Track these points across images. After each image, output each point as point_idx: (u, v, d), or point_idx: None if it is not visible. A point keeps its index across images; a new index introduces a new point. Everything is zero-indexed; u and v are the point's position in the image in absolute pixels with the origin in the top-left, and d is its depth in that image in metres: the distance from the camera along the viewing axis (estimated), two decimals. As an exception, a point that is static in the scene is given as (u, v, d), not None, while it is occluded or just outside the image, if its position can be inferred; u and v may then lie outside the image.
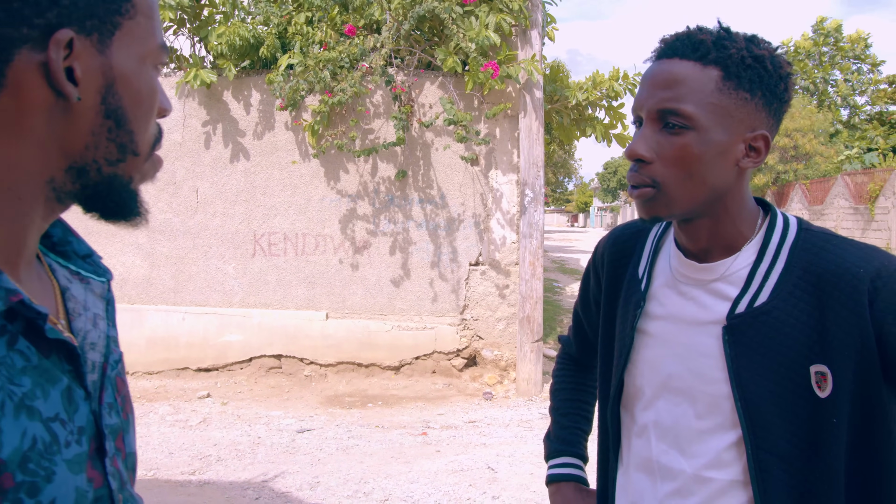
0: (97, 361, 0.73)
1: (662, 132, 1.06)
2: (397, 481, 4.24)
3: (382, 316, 6.72)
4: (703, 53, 1.05)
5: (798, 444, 1.05)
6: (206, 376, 6.73)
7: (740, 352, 1.07)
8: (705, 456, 1.11)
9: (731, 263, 1.11)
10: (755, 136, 1.07)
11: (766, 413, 1.05)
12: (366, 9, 6.33)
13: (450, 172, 6.65)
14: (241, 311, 6.80)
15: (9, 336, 0.61)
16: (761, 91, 1.06)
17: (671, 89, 1.05)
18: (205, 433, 5.30)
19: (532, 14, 6.29)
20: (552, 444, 1.46)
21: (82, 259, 0.79)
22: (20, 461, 0.57)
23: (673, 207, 1.07)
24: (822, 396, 1.03)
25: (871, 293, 1.01)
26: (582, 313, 1.45)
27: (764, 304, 1.07)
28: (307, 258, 6.80)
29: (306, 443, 5.07)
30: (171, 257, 6.89)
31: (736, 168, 1.08)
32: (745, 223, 1.12)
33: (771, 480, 1.05)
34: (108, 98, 0.66)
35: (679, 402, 1.14)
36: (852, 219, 19.85)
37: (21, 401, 0.59)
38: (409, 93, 6.51)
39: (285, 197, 6.81)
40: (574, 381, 1.53)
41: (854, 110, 33.71)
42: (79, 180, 0.67)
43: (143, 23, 0.69)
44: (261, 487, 4.20)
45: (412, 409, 5.93)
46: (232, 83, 6.75)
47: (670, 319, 1.16)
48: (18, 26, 0.59)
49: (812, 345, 1.04)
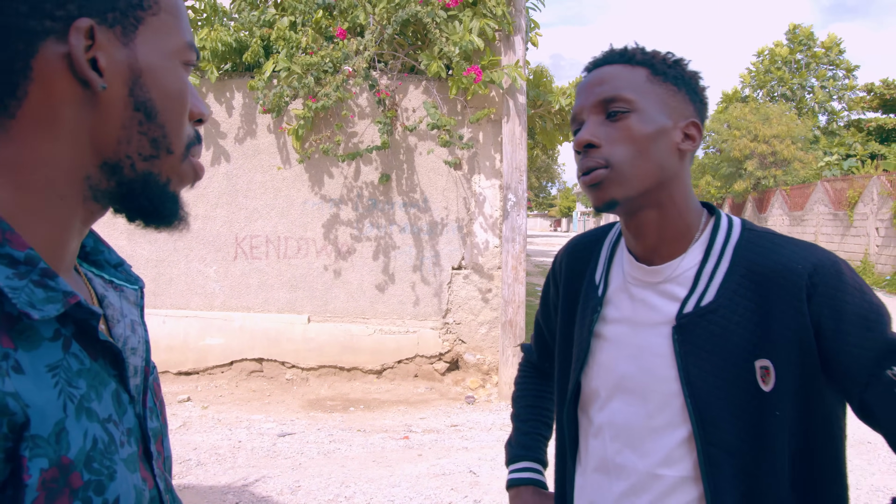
0: (139, 366, 0.75)
1: (606, 122, 1.12)
2: (379, 485, 4.23)
3: (365, 319, 6.71)
4: (630, 57, 1.15)
5: (745, 439, 1.07)
6: (187, 380, 6.68)
7: (689, 350, 1.10)
8: (657, 453, 1.13)
9: (678, 265, 1.15)
10: (688, 123, 1.14)
11: (715, 409, 1.08)
12: (350, 12, 6.33)
13: (433, 177, 6.66)
14: (223, 314, 6.76)
15: (63, 339, 0.62)
16: (685, 87, 1.14)
17: (607, 84, 1.13)
18: (185, 437, 5.25)
19: (515, 20, 6.31)
20: (512, 449, 1.49)
21: (114, 268, 0.81)
22: (85, 460, 0.59)
23: (626, 186, 1.10)
24: (766, 390, 1.06)
25: (808, 288, 1.05)
26: (542, 321, 1.48)
27: (710, 304, 1.10)
28: (289, 261, 6.77)
29: (287, 447, 5.04)
30: (151, 260, 6.84)
31: (677, 152, 1.13)
32: (692, 216, 1.16)
33: (720, 475, 1.08)
34: (135, 90, 0.67)
35: (632, 401, 1.17)
36: (832, 224, 20.09)
37: (80, 402, 0.61)
38: (394, 97, 6.51)
39: (267, 200, 6.78)
40: (535, 388, 1.55)
41: (832, 116, 34.12)
42: (113, 177, 0.68)
43: (167, 20, 0.70)
44: (241, 492, 4.18)
45: (394, 413, 5.92)
46: (214, 86, 6.72)
47: (624, 322, 1.19)
48: (41, 19, 0.61)
49: (756, 340, 1.07)
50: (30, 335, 0.59)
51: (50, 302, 0.60)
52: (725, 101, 37.92)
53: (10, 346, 0.57)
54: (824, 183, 20.98)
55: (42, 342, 0.60)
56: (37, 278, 0.60)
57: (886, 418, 1.03)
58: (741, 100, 35.77)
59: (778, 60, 35.03)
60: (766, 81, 35.57)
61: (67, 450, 0.58)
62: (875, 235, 17.50)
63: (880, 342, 1.03)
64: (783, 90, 34.53)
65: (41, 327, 0.60)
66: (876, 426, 1.06)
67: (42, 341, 0.60)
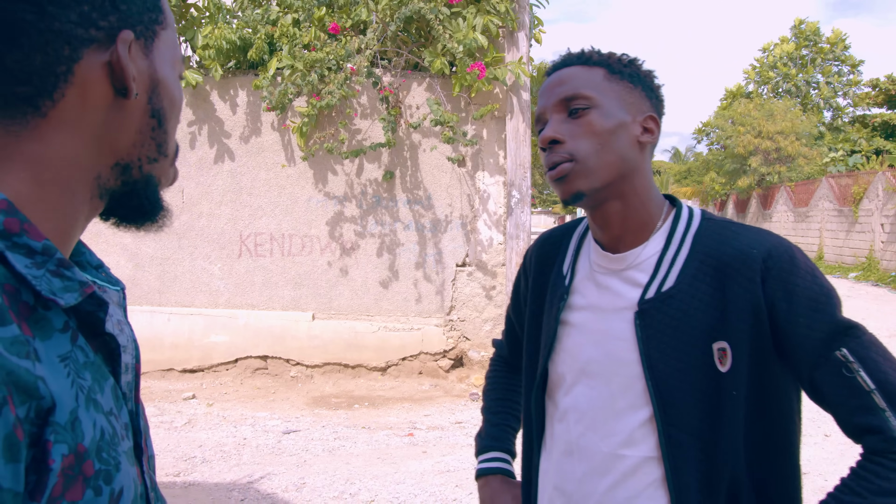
0: (130, 364, 0.76)
1: (568, 119, 1.18)
2: (383, 482, 4.23)
3: (369, 317, 6.71)
4: (587, 59, 1.21)
5: (704, 420, 1.12)
6: (192, 377, 6.70)
7: (650, 334, 1.14)
8: (620, 435, 1.17)
9: (640, 252, 1.20)
10: (646, 117, 1.20)
11: (675, 391, 1.12)
12: (352, 9, 6.32)
13: (437, 174, 6.66)
14: (227, 311, 6.77)
15: (71, 332, 0.64)
16: (641, 84, 1.21)
17: (568, 83, 1.19)
18: (190, 434, 5.27)
19: (519, 16, 6.30)
20: (482, 440, 1.52)
21: (95, 269, 0.82)
22: (96, 450, 0.61)
23: (591, 178, 1.15)
24: (723, 371, 1.11)
25: (763, 272, 1.10)
26: (514, 315, 1.53)
27: (671, 289, 1.15)
28: (293, 259, 6.78)
29: (292, 444, 5.05)
30: (156, 258, 6.85)
31: (637, 144, 1.19)
32: (654, 207, 1.22)
33: (681, 455, 1.12)
34: (153, 98, 0.72)
35: (595, 384, 1.21)
36: (836, 220, 20.04)
37: (88, 394, 0.63)
38: (397, 94, 6.51)
39: (272, 197, 6.78)
40: (505, 381, 1.59)
41: (837, 112, 34.00)
42: (122, 177, 0.72)
43: (171, 34, 0.75)
44: (246, 489, 4.19)
45: (399, 410, 5.93)
46: (218, 83, 6.72)
47: (589, 309, 1.24)
48: (87, 28, 0.65)
49: (714, 323, 1.12)
50: (44, 325, 0.61)
51: (67, 291, 0.62)
52: (729, 98, 37.82)
53: (30, 335, 0.58)
54: (829, 179, 20.92)
55: (54, 333, 0.61)
56: (53, 268, 0.62)
57: (834, 398, 1.07)
58: (745, 96, 35.68)
59: (783, 56, 34.92)
60: (770, 77, 35.47)
61: (82, 438, 0.59)
62: (880, 231, 17.45)
63: (829, 324, 1.08)
64: (788, 86, 34.43)
65: (53, 318, 0.62)
66: (825, 405, 1.10)
67: (54, 332, 0.61)
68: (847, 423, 1.08)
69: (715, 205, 33.03)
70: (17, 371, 0.55)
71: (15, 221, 0.60)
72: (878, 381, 1.05)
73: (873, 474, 1.04)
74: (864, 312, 11.25)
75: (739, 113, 27.64)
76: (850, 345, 1.07)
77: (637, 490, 1.16)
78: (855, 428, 1.07)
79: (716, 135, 30.48)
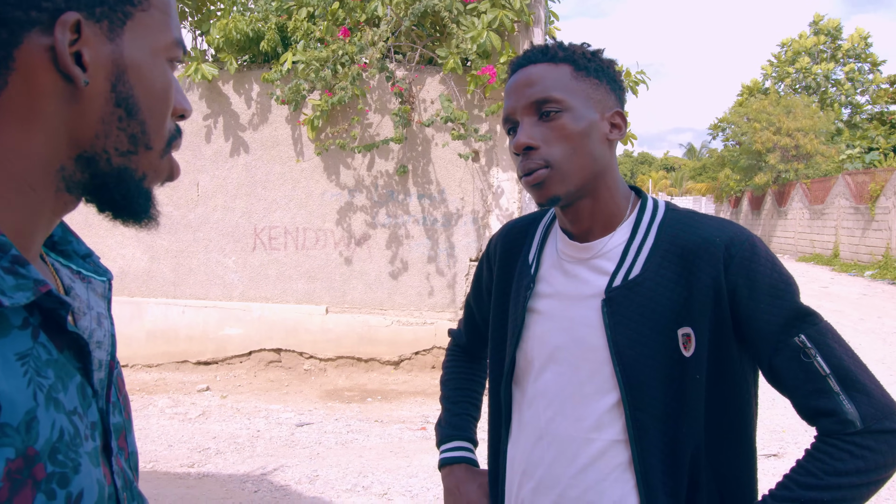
0: (104, 360, 0.73)
1: (540, 122, 1.18)
2: (396, 475, 4.25)
3: (382, 311, 6.73)
4: (552, 56, 1.21)
5: (668, 403, 1.16)
6: (206, 369, 6.74)
7: (617, 321, 1.18)
8: (588, 419, 1.20)
9: (607, 241, 1.23)
10: (613, 113, 1.22)
11: (642, 376, 1.16)
12: (367, 4, 6.32)
13: (450, 168, 6.66)
14: (241, 304, 6.81)
15: (31, 329, 0.61)
16: (606, 78, 1.22)
17: (537, 85, 1.19)
18: (204, 426, 5.31)
19: (534, 11, 6.28)
20: (443, 430, 1.53)
21: (82, 259, 0.79)
22: (50, 452, 0.58)
23: (567, 183, 1.18)
24: (687, 355, 1.15)
25: (725, 259, 1.15)
26: (474, 304, 1.54)
27: (637, 277, 1.19)
28: (307, 252, 6.80)
29: (305, 436, 5.08)
30: (171, 250, 6.89)
31: (606, 142, 1.21)
32: (621, 199, 1.25)
33: (646, 438, 1.16)
34: (118, 86, 0.66)
35: (564, 370, 1.23)
36: (853, 218, 19.86)
37: (49, 392, 0.60)
38: (410, 88, 6.51)
39: (286, 191, 6.81)
40: (464, 371, 1.61)
41: (855, 109, 33.66)
42: (87, 170, 0.67)
43: (157, 16, 0.69)
44: (259, 480, 4.22)
45: (411, 404, 5.94)
46: (233, 77, 6.75)
47: (557, 297, 1.27)
48: (27, 9, 0.60)
49: (679, 310, 1.16)
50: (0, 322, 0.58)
51: (20, 290, 0.59)
52: (745, 93, 37.53)
53: None
54: (846, 176, 20.72)
55: (11, 330, 0.59)
56: (7, 265, 0.59)
57: (791, 381, 1.13)
58: (762, 92, 35.39)
59: (802, 52, 34.59)
60: (789, 73, 35.16)
61: (35, 440, 0.57)
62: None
63: (789, 310, 1.13)
64: (807, 81, 34.10)
65: (11, 315, 0.59)
66: (782, 389, 1.16)
67: (11, 329, 0.59)
68: (803, 406, 1.14)
69: (730, 202, 32.81)
70: None
71: None
72: (833, 367, 1.10)
73: (827, 455, 1.09)
74: (881, 311, 11.14)
75: (756, 109, 27.38)
76: (807, 331, 1.12)
77: (605, 473, 1.19)
78: (810, 411, 1.13)
79: (732, 131, 30.23)
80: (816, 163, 25.00)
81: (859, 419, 1.08)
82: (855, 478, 1.08)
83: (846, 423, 1.09)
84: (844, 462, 1.08)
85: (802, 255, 22.84)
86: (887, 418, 1.10)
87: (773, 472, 4.47)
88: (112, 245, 6.81)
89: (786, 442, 5.09)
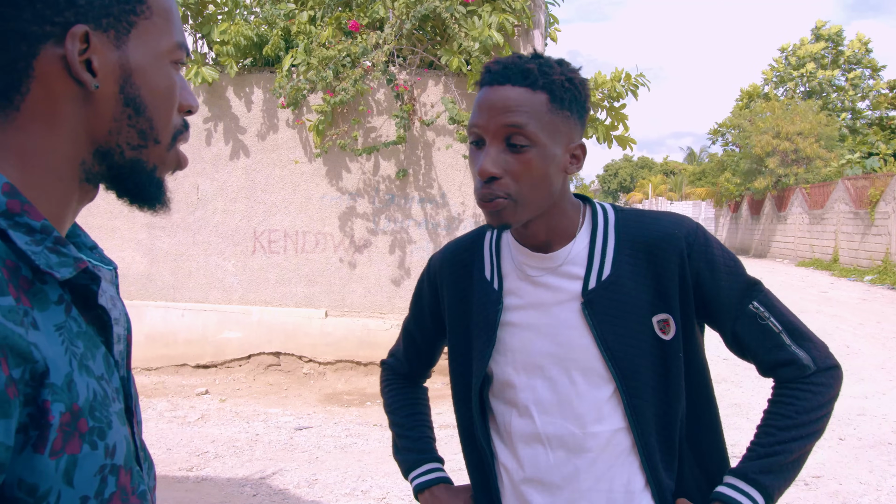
0: (122, 335, 0.82)
1: (507, 151, 1.19)
2: (395, 479, 4.24)
3: (382, 314, 6.72)
4: (532, 81, 1.19)
5: (656, 386, 1.27)
6: (205, 373, 6.73)
7: (601, 319, 1.26)
8: (588, 414, 1.27)
9: (570, 249, 1.30)
10: (575, 146, 1.25)
11: (631, 364, 1.26)
12: (369, 7, 6.33)
13: (451, 172, 6.66)
14: (241, 308, 6.80)
15: (65, 304, 0.69)
16: (576, 108, 1.24)
17: (512, 112, 1.18)
18: (203, 430, 5.30)
19: (535, 14, 6.29)
20: (409, 456, 1.54)
21: (90, 250, 0.87)
22: (90, 409, 0.67)
23: (523, 214, 1.22)
24: (667, 339, 1.27)
25: (687, 248, 1.27)
26: (416, 329, 1.56)
27: (610, 276, 1.27)
28: (307, 256, 6.80)
29: (304, 440, 5.07)
30: (170, 253, 6.89)
31: (563, 174, 1.25)
32: (572, 211, 1.31)
33: (644, 420, 1.26)
34: (126, 88, 0.74)
35: (555, 374, 1.28)
36: (852, 223, 19.86)
37: (81, 360, 0.69)
38: (412, 91, 6.51)
39: (286, 194, 6.81)
40: (410, 396, 1.62)
41: (856, 114, 33.70)
42: (104, 162, 0.76)
43: (159, 23, 0.77)
44: (258, 484, 4.20)
45: (410, 408, 5.93)
46: (234, 80, 6.75)
47: (530, 307, 1.31)
48: (42, 24, 0.69)
49: (651, 299, 1.27)
50: (41, 297, 0.67)
51: (63, 266, 0.69)
52: (744, 98, 37.57)
53: (28, 306, 0.64)
54: (845, 181, 20.72)
55: (50, 305, 0.67)
56: (51, 245, 0.68)
57: (752, 343, 1.29)
58: (761, 97, 35.43)
59: (806, 58, 34.64)
60: (793, 76, 35.19)
61: (77, 398, 0.66)
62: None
63: (742, 283, 1.30)
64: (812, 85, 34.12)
65: (49, 291, 0.68)
66: (745, 351, 1.32)
67: (50, 304, 0.67)
68: (764, 362, 1.30)
69: (729, 206, 32.82)
70: (11, 336, 0.60)
71: (17, 203, 0.66)
72: (783, 323, 1.29)
73: (794, 398, 1.27)
74: (880, 316, 11.14)
75: (757, 113, 27.37)
76: (758, 297, 1.30)
77: (612, 460, 1.28)
78: (771, 364, 1.30)
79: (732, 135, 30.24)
80: (816, 167, 25.01)
81: (812, 362, 1.28)
82: (820, 411, 1.27)
83: (803, 368, 1.28)
84: (808, 400, 1.27)
85: (802, 260, 22.84)
86: (828, 356, 1.31)
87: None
88: (112, 248, 6.80)
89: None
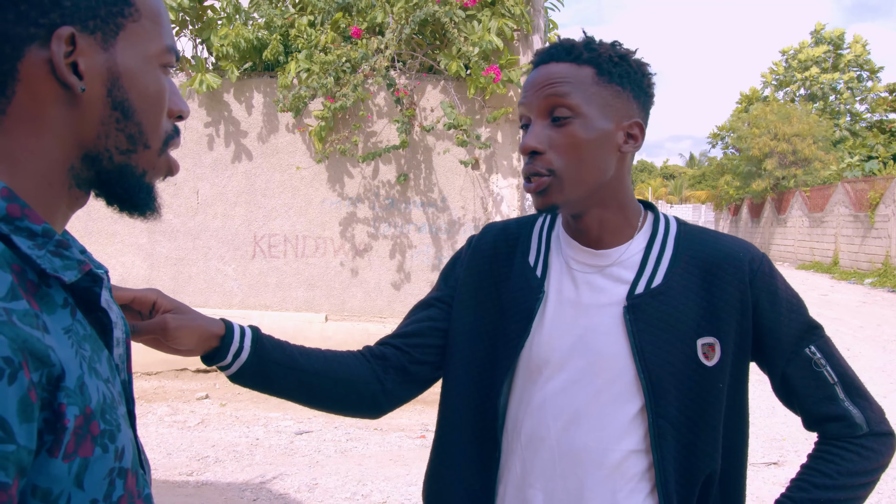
0: (121, 338, 0.81)
1: (551, 126, 1.15)
2: (395, 484, 4.24)
3: (382, 319, 6.73)
4: (577, 55, 1.16)
5: (686, 413, 1.18)
6: (205, 377, 6.73)
7: (641, 328, 1.17)
8: (608, 428, 1.18)
9: (624, 250, 1.23)
10: (630, 123, 1.18)
11: (664, 382, 1.17)
12: (369, 12, 6.34)
13: (451, 176, 6.66)
14: (241, 312, 6.80)
15: (70, 308, 0.69)
16: (630, 85, 1.18)
17: (555, 86, 1.15)
18: (203, 434, 5.30)
19: (534, 19, 6.30)
20: None
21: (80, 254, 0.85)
22: (101, 412, 0.66)
23: (567, 192, 1.16)
24: (710, 365, 1.18)
25: (750, 274, 1.20)
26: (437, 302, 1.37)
27: (659, 286, 1.20)
28: (307, 260, 6.80)
29: (304, 445, 5.07)
30: (170, 258, 6.89)
31: (618, 153, 1.18)
32: (631, 213, 1.25)
33: (665, 446, 1.17)
34: (113, 91, 0.72)
35: (576, 379, 1.20)
36: (852, 226, 19.87)
37: (90, 363, 0.68)
38: (412, 96, 6.52)
39: (286, 199, 6.81)
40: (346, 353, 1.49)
41: (855, 117, 33.73)
42: (93, 167, 0.74)
43: (148, 26, 0.75)
44: (259, 489, 4.20)
45: (411, 413, 5.93)
46: (234, 85, 6.76)
47: (567, 304, 1.23)
48: (26, 26, 0.67)
49: (700, 320, 1.19)
50: (48, 301, 0.66)
51: (68, 269, 0.68)
52: (744, 101, 37.61)
53: (38, 309, 0.64)
54: (845, 184, 20.74)
55: (57, 308, 0.67)
56: (53, 248, 0.67)
57: (803, 389, 1.21)
58: (761, 100, 35.46)
59: (808, 61, 34.68)
60: (789, 81, 35.24)
61: (90, 401, 0.65)
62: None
63: (802, 323, 1.21)
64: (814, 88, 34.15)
65: (55, 295, 0.67)
66: (792, 396, 1.23)
67: (56, 307, 0.67)
68: (812, 413, 1.22)
69: (729, 209, 32.83)
70: (31, 340, 0.59)
71: (16, 207, 0.65)
72: (840, 375, 1.20)
73: (838, 457, 1.19)
74: (880, 319, 11.14)
75: (755, 115, 27.42)
76: (817, 342, 1.21)
77: (623, 482, 1.19)
78: (820, 416, 1.21)
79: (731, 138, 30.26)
80: (815, 168, 25.03)
81: (865, 423, 1.19)
82: (863, 477, 1.18)
83: (854, 427, 1.19)
84: (854, 462, 1.17)
85: (802, 263, 22.84)
86: (883, 422, 1.21)
87: (774, 481, 4.46)
88: (112, 253, 6.81)
89: (785, 450, 5.08)
